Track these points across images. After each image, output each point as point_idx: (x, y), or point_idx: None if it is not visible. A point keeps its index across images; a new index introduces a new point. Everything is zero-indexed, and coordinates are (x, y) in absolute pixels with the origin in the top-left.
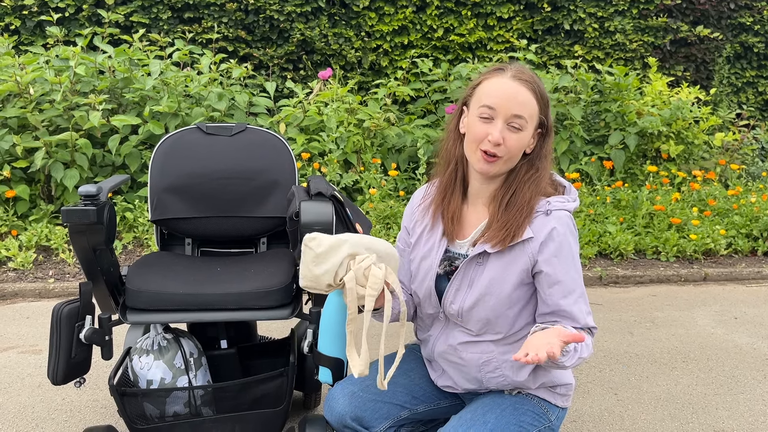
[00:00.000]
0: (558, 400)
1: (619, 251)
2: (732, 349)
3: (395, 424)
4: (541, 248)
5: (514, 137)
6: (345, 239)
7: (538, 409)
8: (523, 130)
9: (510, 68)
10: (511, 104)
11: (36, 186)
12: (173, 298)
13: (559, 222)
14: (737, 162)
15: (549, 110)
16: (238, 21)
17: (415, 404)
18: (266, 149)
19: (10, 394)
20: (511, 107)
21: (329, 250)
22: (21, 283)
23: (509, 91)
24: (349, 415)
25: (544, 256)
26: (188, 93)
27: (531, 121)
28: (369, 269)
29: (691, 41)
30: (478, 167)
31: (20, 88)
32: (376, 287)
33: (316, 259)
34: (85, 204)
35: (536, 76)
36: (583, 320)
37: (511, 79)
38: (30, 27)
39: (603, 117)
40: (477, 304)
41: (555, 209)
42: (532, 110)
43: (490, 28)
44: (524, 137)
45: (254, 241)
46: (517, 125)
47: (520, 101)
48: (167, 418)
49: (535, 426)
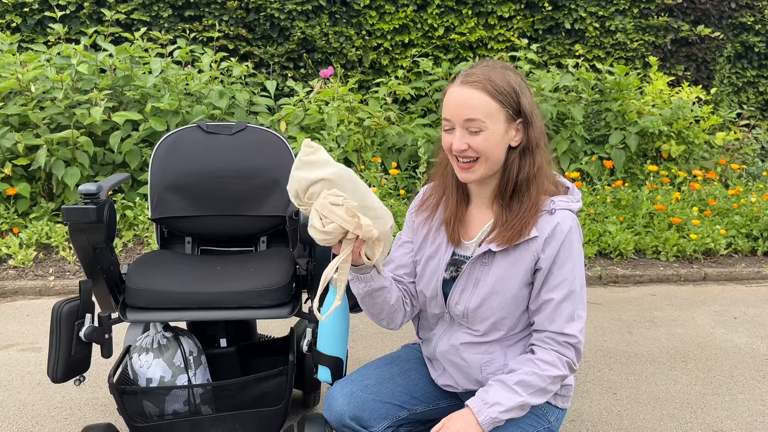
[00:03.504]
0: (558, 401)
1: (619, 251)
2: (731, 349)
3: (394, 424)
4: (544, 246)
5: (477, 139)
6: (337, 170)
7: (537, 410)
8: (485, 130)
9: (461, 74)
10: (461, 111)
11: (36, 184)
12: (173, 296)
13: (564, 221)
14: (737, 162)
15: (521, 98)
16: (239, 19)
17: (414, 404)
18: (267, 148)
19: (10, 391)
20: (461, 113)
21: (314, 163)
22: (21, 280)
23: (458, 98)
24: (348, 415)
25: (546, 254)
26: (189, 91)
27: (491, 119)
28: (335, 207)
29: (692, 41)
30: (460, 177)
31: (21, 85)
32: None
33: (299, 164)
34: (85, 202)
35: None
36: (559, 326)
37: (459, 86)
38: (31, 25)
39: (604, 116)
40: (483, 303)
41: (559, 208)
42: (487, 108)
43: (490, 27)
44: (490, 135)
45: (254, 240)
46: (474, 128)
47: (469, 105)
48: (167, 416)
49: (534, 427)
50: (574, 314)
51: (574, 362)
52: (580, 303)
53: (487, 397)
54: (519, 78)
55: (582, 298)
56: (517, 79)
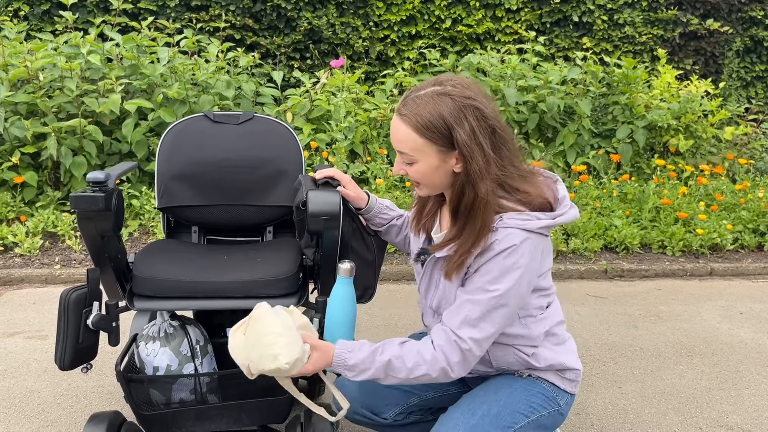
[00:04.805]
0: (567, 385)
1: (624, 245)
2: (737, 344)
3: (404, 410)
4: (476, 258)
5: (411, 169)
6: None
7: (548, 393)
8: (416, 162)
9: (400, 100)
10: (395, 142)
11: (43, 172)
12: (180, 285)
13: (505, 239)
14: (745, 157)
15: (455, 132)
16: (246, 9)
17: (424, 390)
18: (273, 138)
19: (17, 378)
20: (395, 144)
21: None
22: (27, 268)
23: (392, 129)
24: (359, 402)
25: (475, 264)
26: (195, 81)
27: (420, 153)
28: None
29: (701, 35)
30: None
31: (30, 74)
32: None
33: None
34: (93, 191)
35: (428, 102)
36: (456, 324)
37: (395, 115)
38: (38, 13)
39: (611, 110)
40: (440, 305)
41: (504, 226)
42: (413, 144)
43: (498, 19)
44: (422, 167)
45: (260, 230)
46: (407, 160)
47: (398, 138)
48: (173, 404)
49: (545, 408)
50: (477, 323)
51: (452, 369)
52: (489, 319)
53: (352, 356)
54: (460, 106)
55: (495, 319)
56: (453, 110)
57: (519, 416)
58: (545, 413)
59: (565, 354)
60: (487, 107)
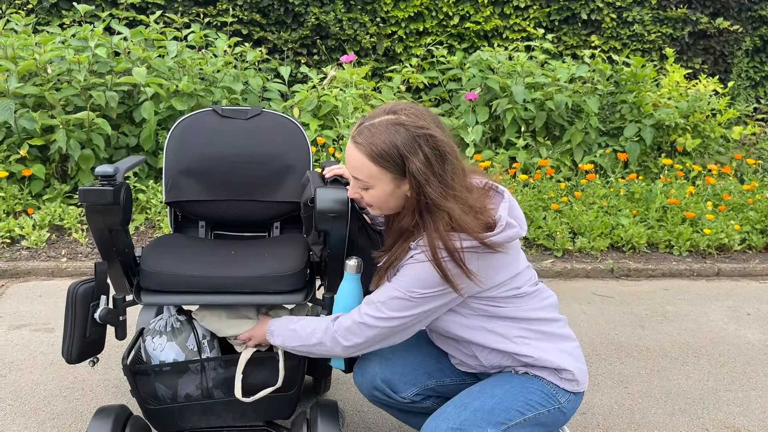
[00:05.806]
0: (565, 384)
1: (631, 244)
2: (744, 345)
3: (422, 392)
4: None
5: (366, 194)
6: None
7: (547, 390)
8: (371, 188)
9: (356, 125)
10: (350, 168)
11: (50, 165)
12: (188, 280)
13: (420, 254)
14: (754, 157)
15: (407, 162)
16: (253, 4)
17: (442, 376)
18: (281, 133)
19: (23, 371)
20: (351, 171)
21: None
22: (34, 261)
23: (348, 154)
24: (380, 377)
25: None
26: (203, 76)
27: (374, 179)
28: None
29: (711, 33)
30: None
31: (38, 66)
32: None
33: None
34: (102, 184)
35: (382, 131)
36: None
37: (351, 143)
38: (46, 6)
39: (619, 108)
40: None
41: (417, 253)
42: (368, 171)
43: (506, 16)
44: (376, 192)
45: (267, 226)
46: (362, 185)
47: (353, 165)
48: (179, 399)
49: (543, 406)
50: (378, 304)
51: (342, 335)
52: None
53: (274, 323)
54: (414, 135)
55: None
56: (407, 139)
57: (514, 413)
58: (544, 411)
59: (553, 353)
60: (439, 135)
